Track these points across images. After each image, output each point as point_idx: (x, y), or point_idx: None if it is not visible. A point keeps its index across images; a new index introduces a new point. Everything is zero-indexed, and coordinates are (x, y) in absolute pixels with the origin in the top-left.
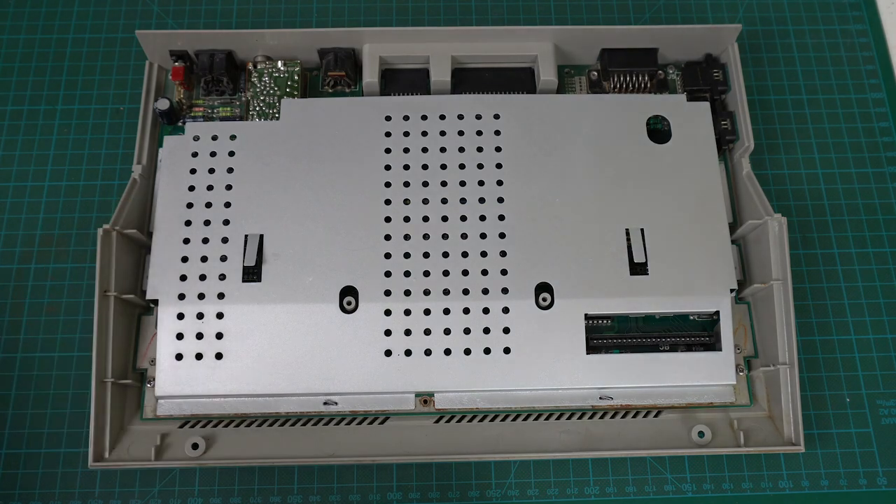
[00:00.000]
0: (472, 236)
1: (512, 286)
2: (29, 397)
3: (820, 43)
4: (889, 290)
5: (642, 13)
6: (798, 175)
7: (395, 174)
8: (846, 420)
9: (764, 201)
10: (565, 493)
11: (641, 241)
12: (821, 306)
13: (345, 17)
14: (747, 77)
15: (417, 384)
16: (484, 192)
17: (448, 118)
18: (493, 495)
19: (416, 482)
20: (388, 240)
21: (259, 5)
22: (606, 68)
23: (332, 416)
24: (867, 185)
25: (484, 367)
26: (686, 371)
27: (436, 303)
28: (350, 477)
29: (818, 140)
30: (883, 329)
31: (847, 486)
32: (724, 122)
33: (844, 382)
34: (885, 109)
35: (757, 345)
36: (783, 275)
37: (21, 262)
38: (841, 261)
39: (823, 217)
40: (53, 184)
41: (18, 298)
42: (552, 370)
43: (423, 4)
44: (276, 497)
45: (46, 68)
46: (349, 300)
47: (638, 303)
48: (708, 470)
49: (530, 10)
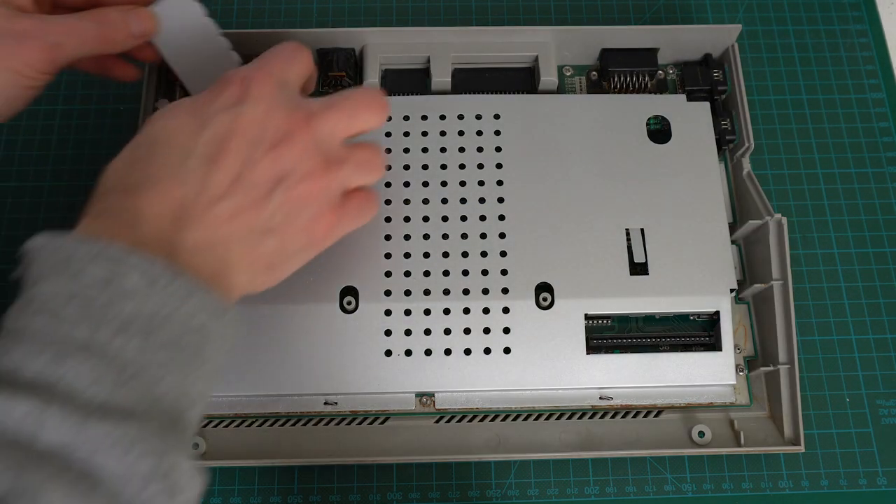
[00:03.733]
0: (473, 236)
1: (512, 286)
2: None
3: (820, 43)
4: (889, 290)
5: (642, 13)
6: (798, 175)
7: (395, 174)
8: (846, 420)
9: (764, 201)
10: (565, 493)
11: (641, 241)
12: (821, 306)
13: (345, 17)
14: (747, 77)
15: (417, 384)
16: (484, 192)
17: (448, 118)
18: (493, 495)
19: (416, 482)
20: (389, 240)
21: (259, 5)
22: (606, 68)
23: (332, 416)
24: (867, 185)
25: (484, 367)
26: (686, 371)
27: (436, 303)
28: (350, 477)
29: (818, 140)
30: (883, 329)
31: (847, 486)
32: (724, 122)
33: (844, 382)
34: (885, 109)
35: (757, 345)
36: (783, 275)
37: None
38: (841, 261)
39: (823, 217)
40: (53, 184)
41: None
42: (552, 370)
43: (423, 4)
44: (277, 497)
45: None
46: (349, 300)
47: (638, 303)
48: (708, 470)
49: (530, 10)
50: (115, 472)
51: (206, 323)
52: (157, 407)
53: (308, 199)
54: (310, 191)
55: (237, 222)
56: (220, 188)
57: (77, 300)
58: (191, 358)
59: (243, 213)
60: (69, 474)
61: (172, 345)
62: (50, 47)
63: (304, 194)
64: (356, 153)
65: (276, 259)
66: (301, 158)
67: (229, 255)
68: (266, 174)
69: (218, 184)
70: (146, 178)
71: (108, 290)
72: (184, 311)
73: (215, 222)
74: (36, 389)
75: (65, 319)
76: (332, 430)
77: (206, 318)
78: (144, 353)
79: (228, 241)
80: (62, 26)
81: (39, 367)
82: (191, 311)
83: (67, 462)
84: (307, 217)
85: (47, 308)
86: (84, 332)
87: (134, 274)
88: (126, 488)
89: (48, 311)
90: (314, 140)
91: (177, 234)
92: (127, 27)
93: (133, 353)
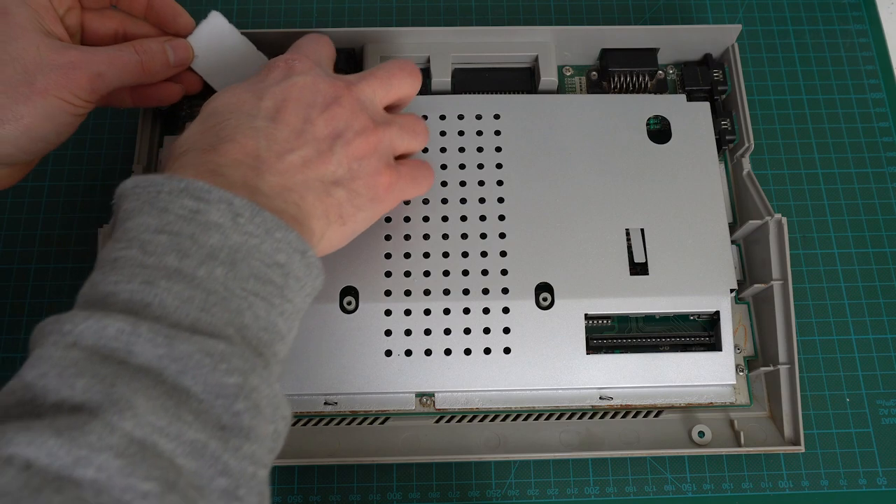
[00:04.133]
0: (473, 236)
1: (512, 286)
2: None
3: (820, 43)
4: (889, 290)
5: (642, 13)
6: (798, 175)
7: None
8: (846, 420)
9: (764, 201)
10: (565, 493)
11: (641, 241)
12: (821, 306)
13: (345, 17)
14: (747, 77)
15: (417, 384)
16: (484, 192)
17: (448, 118)
18: (493, 495)
19: (416, 482)
20: (389, 240)
21: (259, 5)
22: (606, 68)
23: (332, 416)
24: (867, 185)
25: (484, 367)
26: (686, 371)
27: (436, 303)
28: (350, 477)
29: (818, 140)
30: (883, 329)
31: (847, 486)
32: (724, 122)
33: (844, 382)
34: (885, 109)
35: (757, 345)
36: (783, 275)
37: (21, 263)
38: (841, 261)
39: (823, 217)
40: (53, 184)
41: (18, 298)
42: (552, 370)
43: (423, 4)
44: (277, 497)
45: None
46: (349, 300)
47: (638, 303)
48: (708, 470)
49: (530, 10)
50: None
51: (289, 260)
52: (242, 334)
53: (365, 153)
54: (365, 145)
55: (307, 171)
56: (288, 142)
57: (166, 231)
58: (275, 292)
59: (311, 164)
60: (161, 388)
61: (256, 277)
62: (94, 76)
63: (361, 149)
64: (399, 118)
65: (347, 210)
66: (351, 117)
67: (304, 201)
68: (324, 130)
69: (286, 138)
70: (220, 138)
71: (194, 223)
72: (266, 245)
73: (288, 169)
74: (129, 310)
75: (155, 249)
76: (332, 430)
77: (288, 256)
78: (229, 282)
79: (302, 187)
80: (104, 56)
81: (132, 290)
82: (273, 246)
83: (159, 377)
84: (368, 171)
85: (139, 240)
86: (173, 260)
87: (218, 207)
88: (215, 402)
89: (140, 242)
90: (359, 102)
91: (255, 179)
92: (165, 57)
93: (219, 281)
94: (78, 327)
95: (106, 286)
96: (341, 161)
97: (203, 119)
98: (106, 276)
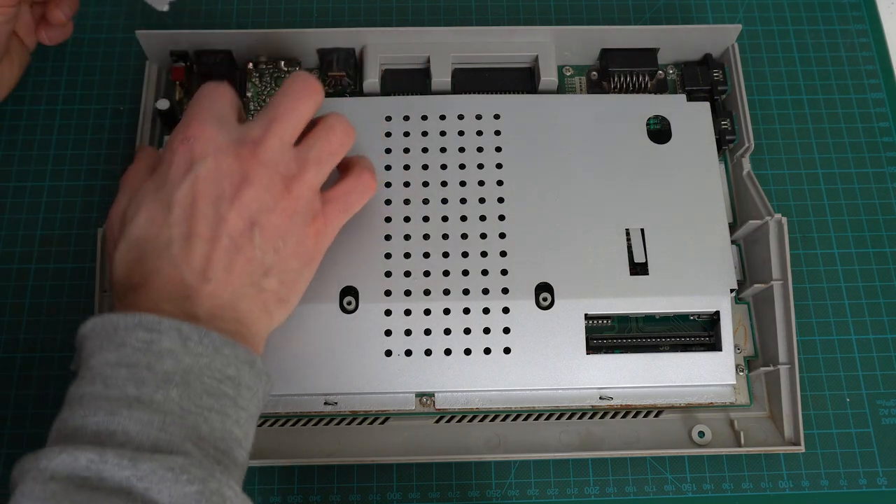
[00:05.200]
0: (473, 236)
1: (512, 286)
2: (29, 397)
3: (820, 43)
4: (889, 290)
5: (642, 13)
6: (798, 175)
7: (395, 174)
8: (846, 420)
9: (764, 201)
10: (565, 493)
11: (641, 241)
12: (821, 306)
13: (345, 17)
14: (747, 77)
15: (417, 384)
16: (484, 192)
17: (448, 118)
18: (493, 495)
19: (416, 482)
20: (389, 240)
21: (259, 5)
22: (606, 68)
23: (332, 416)
24: (867, 185)
25: (484, 367)
26: (686, 371)
27: (436, 303)
28: (350, 477)
29: (818, 140)
30: (883, 329)
31: (847, 486)
32: (724, 122)
33: (844, 382)
34: (885, 109)
35: (757, 345)
36: (783, 275)
37: (21, 262)
38: (841, 261)
39: (823, 217)
40: (53, 184)
41: (18, 298)
42: (552, 370)
43: (423, 4)
44: (277, 497)
45: (46, 68)
46: (349, 300)
47: (638, 303)
48: (708, 470)
49: (530, 10)
50: (169, 498)
51: (238, 373)
52: (200, 446)
53: (285, 226)
54: (283, 218)
55: (234, 278)
56: (206, 256)
57: (124, 364)
58: (228, 404)
59: (235, 267)
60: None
61: (209, 393)
62: None
63: (281, 225)
64: (313, 150)
65: (283, 290)
66: (264, 192)
67: (240, 311)
68: (239, 224)
69: (203, 254)
70: (145, 275)
71: (149, 353)
72: (216, 362)
73: (216, 288)
74: (96, 441)
75: (115, 382)
76: (332, 430)
77: (237, 369)
78: (184, 402)
79: (234, 300)
80: None
81: (98, 423)
82: (223, 362)
83: (129, 494)
84: (293, 241)
85: (102, 375)
86: (132, 390)
87: (169, 335)
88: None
89: (102, 377)
90: (268, 169)
91: (190, 307)
92: None
93: (174, 402)
94: (52, 462)
95: (75, 421)
96: (265, 248)
97: (126, 249)
98: (74, 412)
